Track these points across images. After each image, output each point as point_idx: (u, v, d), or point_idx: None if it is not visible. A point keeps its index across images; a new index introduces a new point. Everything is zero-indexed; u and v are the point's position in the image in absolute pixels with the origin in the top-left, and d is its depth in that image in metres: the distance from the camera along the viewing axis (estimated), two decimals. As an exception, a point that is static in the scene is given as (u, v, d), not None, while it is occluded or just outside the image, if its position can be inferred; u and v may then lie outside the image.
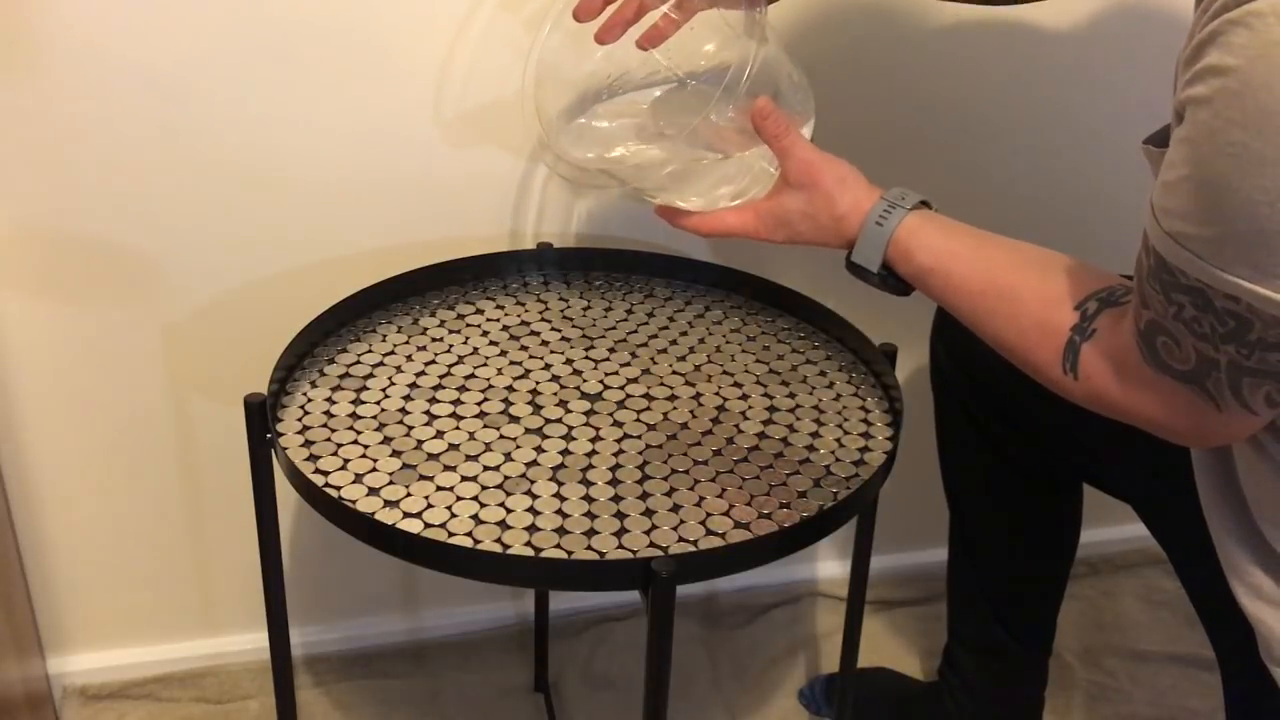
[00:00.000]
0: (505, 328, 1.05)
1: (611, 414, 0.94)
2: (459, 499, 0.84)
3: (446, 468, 0.87)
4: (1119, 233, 1.38)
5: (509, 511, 0.83)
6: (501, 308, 1.08)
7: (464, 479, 0.86)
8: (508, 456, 0.88)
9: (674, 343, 1.04)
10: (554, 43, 0.97)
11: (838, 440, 0.92)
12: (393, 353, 1.00)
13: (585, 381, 0.98)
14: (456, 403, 0.94)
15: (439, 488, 0.85)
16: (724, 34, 0.97)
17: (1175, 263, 0.65)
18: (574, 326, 1.06)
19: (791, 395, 0.98)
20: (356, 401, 0.94)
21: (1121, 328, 0.75)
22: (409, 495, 0.84)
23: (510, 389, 0.96)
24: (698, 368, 1.01)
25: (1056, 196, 1.36)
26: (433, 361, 0.99)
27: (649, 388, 0.97)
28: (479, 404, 0.94)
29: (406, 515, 0.82)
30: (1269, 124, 0.58)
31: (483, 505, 0.83)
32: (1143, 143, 0.73)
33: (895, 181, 0.89)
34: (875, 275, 0.88)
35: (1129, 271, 0.80)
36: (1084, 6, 1.26)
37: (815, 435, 0.93)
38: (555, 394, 0.96)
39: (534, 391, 0.96)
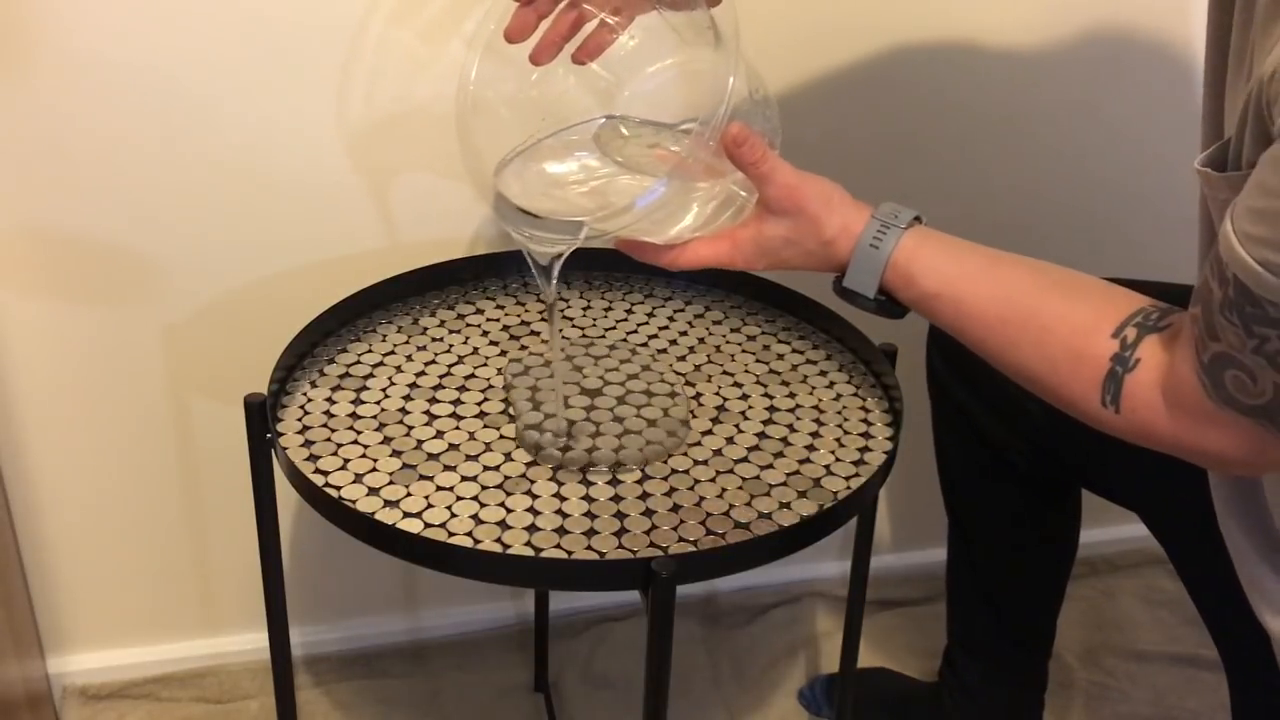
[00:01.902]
0: (505, 328, 1.05)
1: (611, 410, 0.94)
2: (459, 499, 0.84)
3: (446, 468, 0.87)
4: (1102, 240, 1.38)
5: (509, 511, 0.83)
6: (501, 308, 1.08)
7: (464, 479, 0.86)
8: (508, 456, 0.88)
9: (674, 342, 1.04)
10: (483, 70, 0.87)
11: (838, 440, 0.92)
12: (393, 353, 1.00)
13: (585, 378, 0.98)
14: (457, 402, 0.94)
15: (439, 488, 0.85)
16: (670, 41, 0.89)
17: (1265, 295, 0.61)
18: (574, 326, 1.06)
19: (791, 395, 0.98)
20: (356, 401, 0.94)
21: (1174, 358, 0.70)
22: (409, 495, 0.84)
23: (510, 387, 0.96)
24: (698, 367, 1.01)
25: (1055, 206, 1.37)
26: (433, 361, 0.99)
27: (649, 384, 0.97)
28: (479, 404, 0.94)
29: (406, 515, 0.82)
30: None
31: (483, 505, 0.83)
32: (1198, 166, 0.69)
33: (897, 191, 0.86)
34: (871, 301, 0.83)
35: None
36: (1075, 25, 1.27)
37: (815, 435, 0.93)
38: (555, 390, 0.96)
39: (534, 389, 0.96)
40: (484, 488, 0.85)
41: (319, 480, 0.85)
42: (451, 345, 1.02)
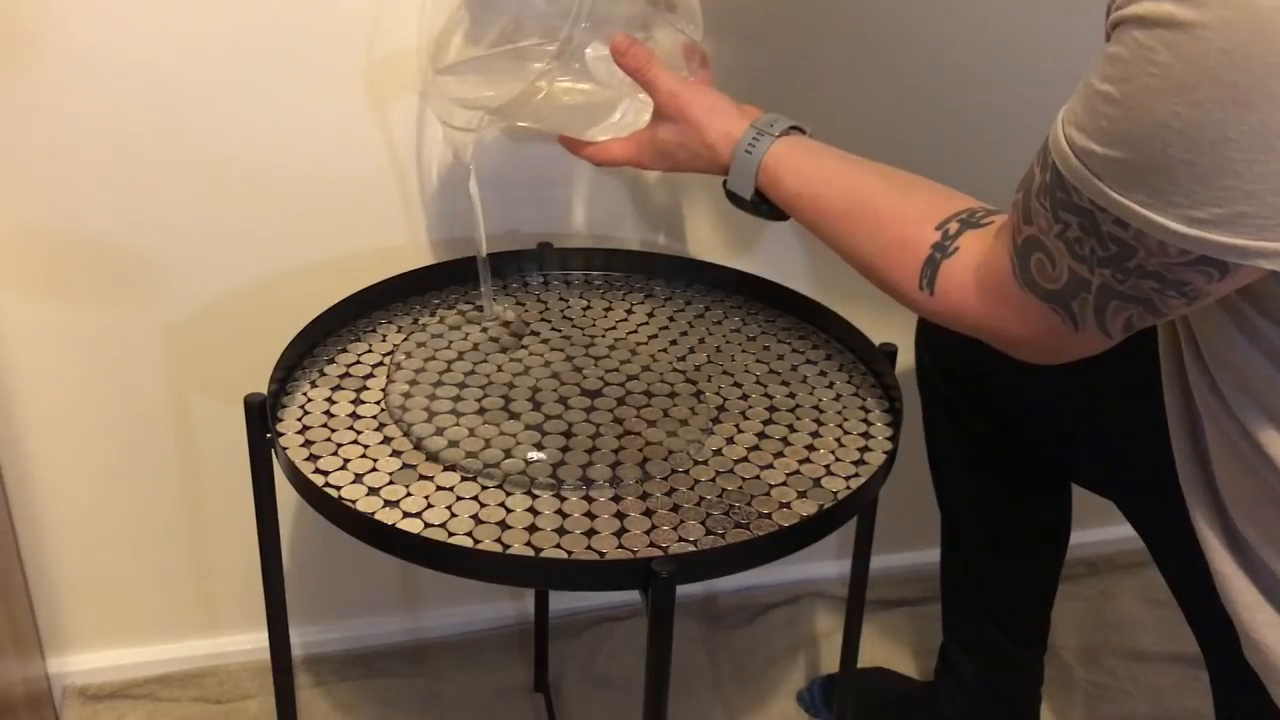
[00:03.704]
0: (505, 324, 1.05)
1: (611, 410, 0.94)
2: (459, 499, 0.84)
3: (446, 468, 0.87)
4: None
5: (509, 511, 0.83)
6: (502, 306, 1.08)
7: (464, 478, 0.86)
8: (508, 454, 0.88)
9: (674, 342, 1.04)
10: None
11: (838, 440, 0.92)
12: (393, 352, 1.00)
13: (585, 379, 0.98)
14: (456, 399, 0.94)
15: (439, 487, 0.85)
16: None
17: (1072, 180, 0.65)
18: (574, 325, 1.06)
19: (791, 395, 0.98)
20: (356, 401, 0.94)
21: (992, 246, 0.76)
22: (409, 495, 0.84)
23: (510, 385, 0.96)
24: (698, 367, 1.01)
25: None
26: (432, 359, 0.99)
27: (649, 384, 0.97)
28: (479, 400, 0.94)
29: (406, 515, 0.82)
30: (1195, 49, 0.57)
31: (483, 505, 0.83)
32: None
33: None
34: (749, 203, 0.91)
35: None
36: None
37: (815, 435, 0.93)
38: (555, 391, 0.96)
39: (534, 389, 0.96)
40: (484, 487, 0.85)
41: (319, 480, 0.85)
42: (451, 343, 1.02)
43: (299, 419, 0.91)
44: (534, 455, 0.88)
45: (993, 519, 1.19)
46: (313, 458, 0.87)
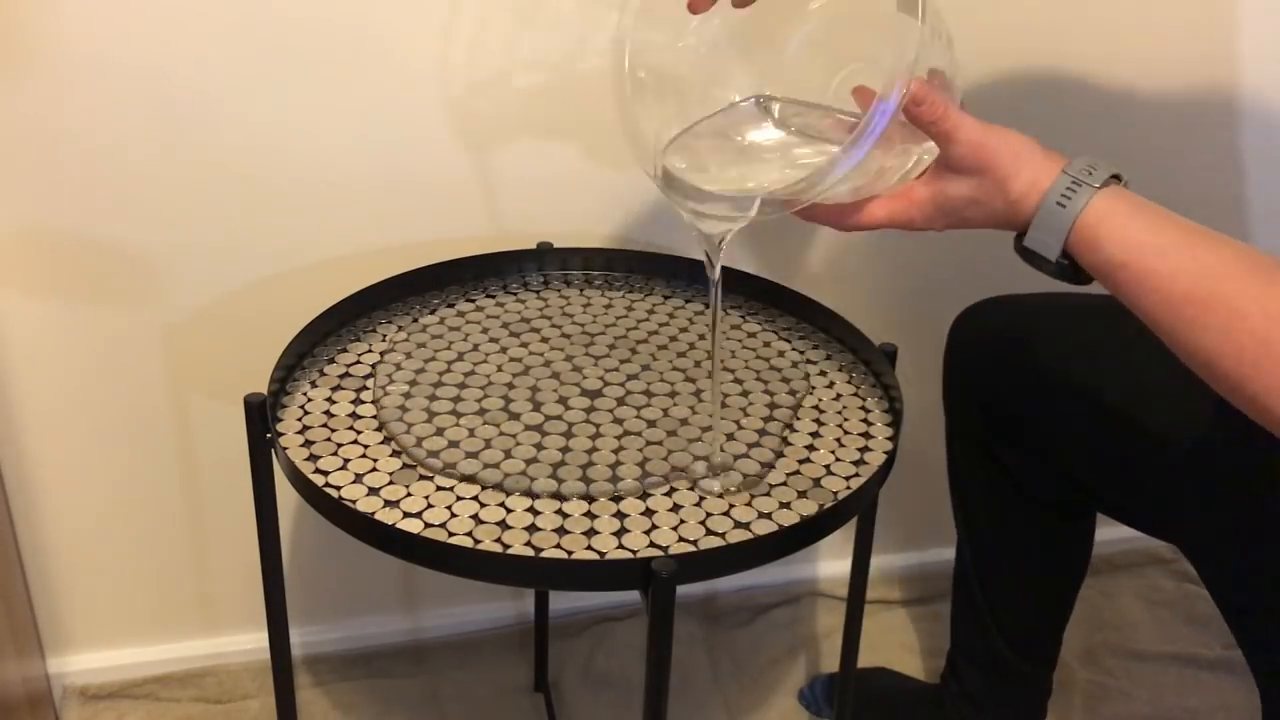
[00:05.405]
0: (505, 324, 1.05)
1: (611, 410, 0.94)
2: (459, 499, 0.84)
3: (445, 468, 0.86)
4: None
5: (509, 511, 0.83)
6: (502, 305, 1.08)
7: (464, 479, 0.85)
8: (507, 454, 0.88)
9: (674, 339, 1.04)
10: (641, 32, 0.80)
11: (838, 440, 0.92)
12: (392, 351, 1.00)
13: (585, 379, 0.98)
14: (456, 399, 0.94)
15: (439, 487, 0.85)
16: None
17: None
18: (574, 323, 1.06)
19: (792, 395, 0.98)
20: (356, 401, 0.94)
21: None
22: (409, 495, 0.84)
23: (510, 385, 0.96)
24: (697, 364, 1.01)
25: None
26: (433, 359, 0.99)
27: (649, 384, 0.97)
28: (479, 400, 0.94)
29: (406, 515, 0.82)
30: None
31: (483, 505, 0.83)
32: None
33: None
34: (1053, 264, 0.76)
35: None
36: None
37: (815, 435, 0.93)
38: (555, 391, 0.96)
39: (534, 389, 0.96)
40: (484, 487, 0.85)
41: (319, 480, 0.85)
42: (451, 342, 1.02)
43: (299, 419, 0.91)
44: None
45: (1014, 545, 1.17)
46: (313, 458, 0.87)
